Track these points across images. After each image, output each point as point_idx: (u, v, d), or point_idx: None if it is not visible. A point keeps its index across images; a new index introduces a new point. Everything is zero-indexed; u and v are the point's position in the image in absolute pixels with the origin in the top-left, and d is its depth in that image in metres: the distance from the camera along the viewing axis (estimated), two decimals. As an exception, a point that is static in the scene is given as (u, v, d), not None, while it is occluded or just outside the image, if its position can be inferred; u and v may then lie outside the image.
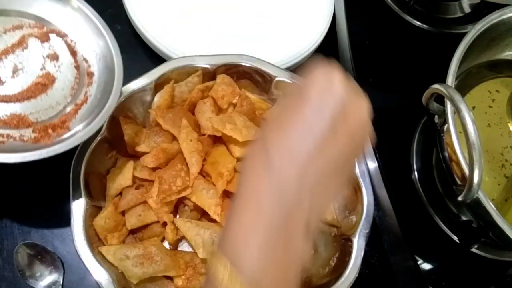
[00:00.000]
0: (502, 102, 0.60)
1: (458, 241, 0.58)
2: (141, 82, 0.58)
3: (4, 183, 0.59)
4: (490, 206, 0.45)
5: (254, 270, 0.32)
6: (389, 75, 0.70)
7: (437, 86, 0.46)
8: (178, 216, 0.58)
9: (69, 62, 0.53)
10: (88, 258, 0.50)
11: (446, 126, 0.49)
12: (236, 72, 0.62)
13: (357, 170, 0.57)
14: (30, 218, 0.59)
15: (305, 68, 0.58)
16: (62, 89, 0.52)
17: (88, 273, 0.50)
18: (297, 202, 0.34)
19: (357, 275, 0.52)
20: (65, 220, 0.52)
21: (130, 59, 0.55)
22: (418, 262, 0.57)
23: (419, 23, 0.71)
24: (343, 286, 0.52)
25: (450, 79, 0.50)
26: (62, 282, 0.56)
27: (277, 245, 0.33)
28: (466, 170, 0.45)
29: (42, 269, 0.56)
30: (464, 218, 0.58)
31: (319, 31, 0.72)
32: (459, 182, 0.49)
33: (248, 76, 0.63)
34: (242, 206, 0.35)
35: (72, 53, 0.54)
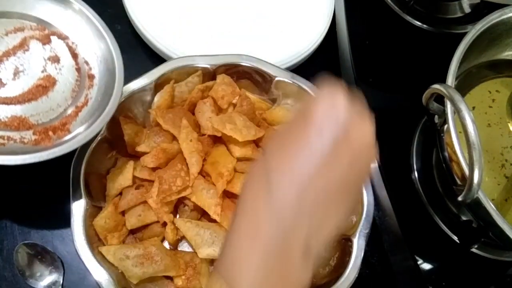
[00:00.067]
0: (502, 102, 0.60)
1: (458, 241, 0.58)
2: (141, 82, 0.58)
3: (4, 183, 0.59)
4: (490, 206, 0.45)
5: None
6: (389, 75, 0.70)
7: (437, 86, 0.46)
8: (178, 216, 0.58)
9: (70, 65, 0.53)
10: (88, 258, 0.50)
11: (446, 126, 0.49)
12: (236, 72, 0.62)
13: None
14: (30, 218, 0.59)
15: (312, 81, 0.58)
16: (63, 91, 0.52)
17: (88, 273, 0.50)
18: (295, 226, 0.33)
19: (357, 275, 0.52)
20: (65, 220, 0.52)
21: (130, 59, 0.54)
22: (418, 262, 0.57)
23: (419, 23, 0.71)
24: (343, 286, 0.52)
25: (450, 79, 0.50)
26: (62, 282, 0.56)
27: (274, 268, 0.33)
28: (466, 170, 0.45)
29: (42, 269, 0.56)
30: (464, 218, 0.58)
31: (319, 31, 0.72)
32: (459, 182, 0.49)
33: (248, 76, 0.63)
34: (240, 227, 0.35)
35: (73, 55, 0.54)
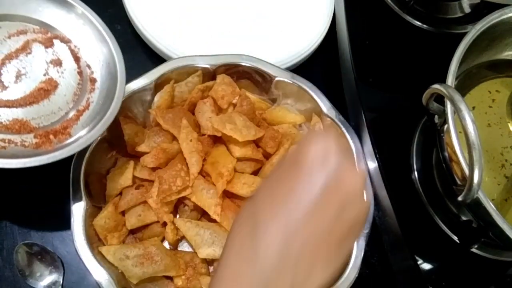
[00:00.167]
0: (502, 102, 0.60)
1: (458, 241, 0.58)
2: (141, 82, 0.58)
3: (4, 183, 0.59)
4: (490, 206, 0.45)
5: None
6: (389, 75, 0.70)
7: (437, 86, 0.46)
8: (178, 216, 0.59)
9: (72, 68, 0.53)
10: (88, 258, 0.50)
11: (446, 126, 0.49)
12: (236, 72, 0.62)
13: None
14: (30, 218, 0.59)
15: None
16: (64, 94, 0.52)
17: (88, 273, 0.50)
18: (278, 280, 0.33)
19: (357, 275, 0.52)
20: (65, 220, 0.52)
21: (130, 59, 0.54)
22: (418, 262, 0.57)
23: (419, 23, 0.71)
24: (343, 286, 0.52)
25: (450, 79, 0.50)
26: (62, 282, 0.56)
27: None
28: (466, 170, 0.45)
29: (42, 269, 0.56)
30: (464, 218, 0.58)
31: (319, 31, 0.72)
32: (459, 182, 0.49)
33: (248, 76, 0.63)
34: (223, 274, 0.35)
35: (75, 59, 0.54)
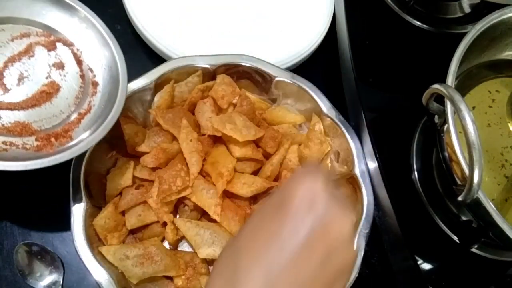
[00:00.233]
0: (502, 102, 0.60)
1: (458, 241, 0.58)
2: (141, 82, 0.58)
3: (4, 183, 0.59)
4: (490, 206, 0.45)
5: None
6: (389, 75, 0.70)
7: (437, 86, 0.46)
8: (178, 216, 0.59)
9: (74, 71, 0.53)
10: (88, 258, 0.50)
11: (446, 126, 0.49)
12: (236, 72, 0.62)
13: (357, 170, 0.58)
14: (30, 218, 0.59)
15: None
16: (66, 98, 0.52)
17: (88, 273, 0.50)
18: None
19: (357, 275, 0.52)
20: (65, 220, 0.52)
21: (130, 59, 0.54)
22: (418, 262, 0.57)
23: (419, 23, 0.70)
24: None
25: (450, 79, 0.50)
26: (62, 282, 0.56)
27: None
28: (466, 170, 0.45)
29: (42, 269, 0.56)
30: (464, 218, 0.58)
31: (319, 31, 0.72)
32: (459, 182, 0.49)
33: (248, 76, 0.63)
34: None
35: (78, 62, 0.54)
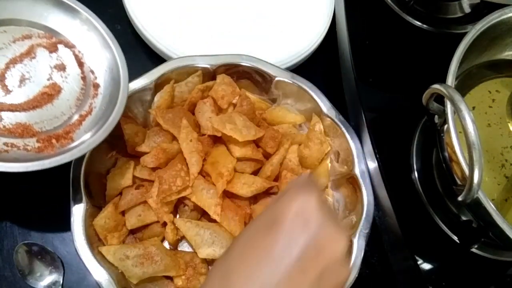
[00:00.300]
0: (502, 102, 0.60)
1: (458, 241, 0.58)
2: (141, 82, 0.58)
3: (4, 183, 0.59)
4: (490, 206, 0.45)
5: None
6: (389, 75, 0.70)
7: (437, 86, 0.46)
8: (178, 216, 0.59)
9: (76, 73, 0.53)
10: (88, 258, 0.50)
11: (446, 126, 0.49)
12: (236, 72, 0.62)
13: (357, 170, 0.58)
14: (30, 218, 0.60)
15: None
16: (67, 99, 0.52)
17: (88, 273, 0.50)
18: None
19: (357, 275, 0.52)
20: (65, 220, 0.52)
21: (130, 59, 0.54)
22: (418, 262, 0.57)
23: (419, 23, 0.71)
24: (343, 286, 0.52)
25: (450, 79, 0.50)
26: (62, 282, 0.56)
27: None
28: (466, 170, 0.45)
29: (42, 269, 0.56)
30: (464, 218, 0.58)
31: (319, 31, 0.72)
32: (459, 182, 0.49)
33: (248, 76, 0.63)
34: None
35: (79, 64, 0.54)
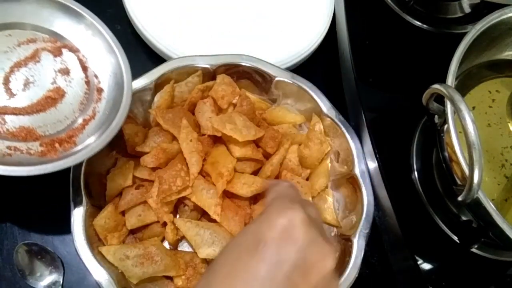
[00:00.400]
0: (502, 102, 0.60)
1: (458, 241, 0.58)
2: (141, 82, 0.58)
3: (4, 183, 0.59)
4: (490, 206, 0.45)
5: None
6: (389, 75, 0.70)
7: (437, 86, 0.46)
8: (178, 216, 0.59)
9: (79, 78, 0.54)
10: (88, 258, 0.50)
11: (446, 126, 0.49)
12: (236, 72, 0.62)
13: (357, 170, 0.58)
14: (30, 218, 0.59)
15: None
16: (71, 103, 0.52)
17: (88, 273, 0.50)
18: None
19: (357, 275, 0.52)
20: (65, 220, 0.52)
21: (130, 59, 0.54)
22: (418, 262, 0.57)
23: (419, 23, 0.71)
24: (343, 286, 0.52)
25: (450, 79, 0.50)
26: (62, 282, 0.56)
27: None
28: (466, 170, 0.45)
29: (42, 269, 0.56)
30: (464, 218, 0.58)
31: (319, 31, 0.72)
32: (459, 182, 0.49)
33: (248, 76, 0.63)
34: None
35: (83, 68, 0.54)
